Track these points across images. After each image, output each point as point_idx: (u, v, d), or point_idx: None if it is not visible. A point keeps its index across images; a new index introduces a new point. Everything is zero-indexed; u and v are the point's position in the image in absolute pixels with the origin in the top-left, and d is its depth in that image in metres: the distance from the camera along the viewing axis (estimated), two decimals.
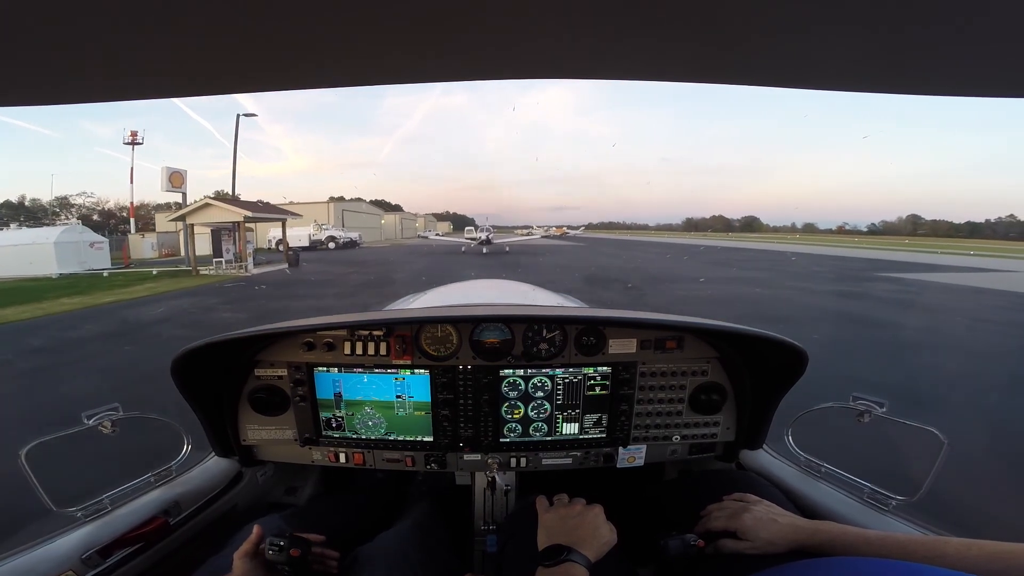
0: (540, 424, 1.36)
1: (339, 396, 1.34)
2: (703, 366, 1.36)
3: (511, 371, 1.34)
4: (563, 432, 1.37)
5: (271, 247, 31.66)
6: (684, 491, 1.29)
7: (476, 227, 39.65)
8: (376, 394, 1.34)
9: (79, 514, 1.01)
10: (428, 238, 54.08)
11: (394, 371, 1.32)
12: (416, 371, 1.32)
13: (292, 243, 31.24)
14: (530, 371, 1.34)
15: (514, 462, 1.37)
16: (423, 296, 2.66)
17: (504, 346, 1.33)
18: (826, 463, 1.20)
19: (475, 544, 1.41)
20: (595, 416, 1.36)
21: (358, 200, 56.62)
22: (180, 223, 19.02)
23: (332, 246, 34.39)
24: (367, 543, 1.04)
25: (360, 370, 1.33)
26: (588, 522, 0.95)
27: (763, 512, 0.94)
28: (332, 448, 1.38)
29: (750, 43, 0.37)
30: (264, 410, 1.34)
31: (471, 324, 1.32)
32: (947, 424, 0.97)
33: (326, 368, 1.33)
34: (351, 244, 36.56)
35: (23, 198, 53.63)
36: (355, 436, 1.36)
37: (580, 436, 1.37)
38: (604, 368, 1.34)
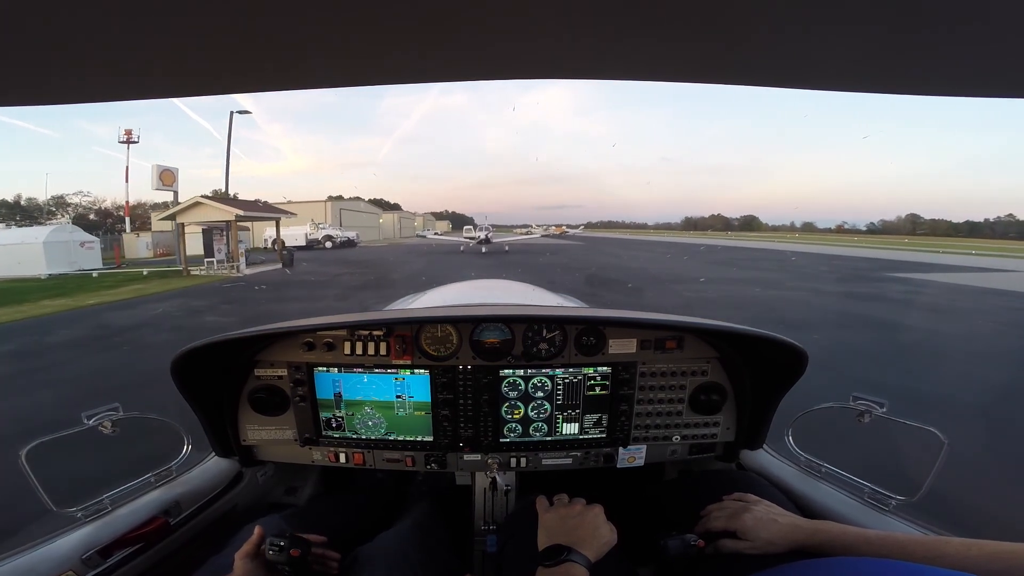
0: (540, 424, 1.36)
1: (339, 396, 1.34)
2: (703, 366, 1.36)
3: (511, 371, 1.34)
4: (563, 432, 1.37)
5: (267, 247, 31.34)
6: (684, 491, 1.29)
7: (475, 226, 39.25)
8: (376, 394, 1.34)
9: (79, 514, 1.01)
10: (426, 237, 53.77)
11: (394, 371, 1.32)
12: (416, 371, 1.32)
13: (289, 242, 30.73)
14: (530, 371, 1.34)
15: (514, 462, 1.37)
16: (423, 296, 2.66)
17: (504, 346, 1.33)
18: (826, 463, 1.20)
19: (475, 544, 1.41)
20: (595, 416, 1.36)
21: (356, 199, 56.47)
22: (174, 222, 18.58)
23: (329, 245, 34.17)
24: (367, 543, 1.04)
25: (360, 370, 1.33)
26: (588, 522, 0.95)
27: (763, 512, 0.94)
28: (332, 448, 1.38)
29: (750, 43, 0.37)
30: (264, 410, 1.34)
31: (471, 324, 1.32)
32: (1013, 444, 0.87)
33: (326, 368, 1.33)
34: (348, 243, 36.28)
35: (19, 197, 53.31)
36: (355, 436, 1.36)
37: (580, 436, 1.37)
38: (604, 368, 1.34)
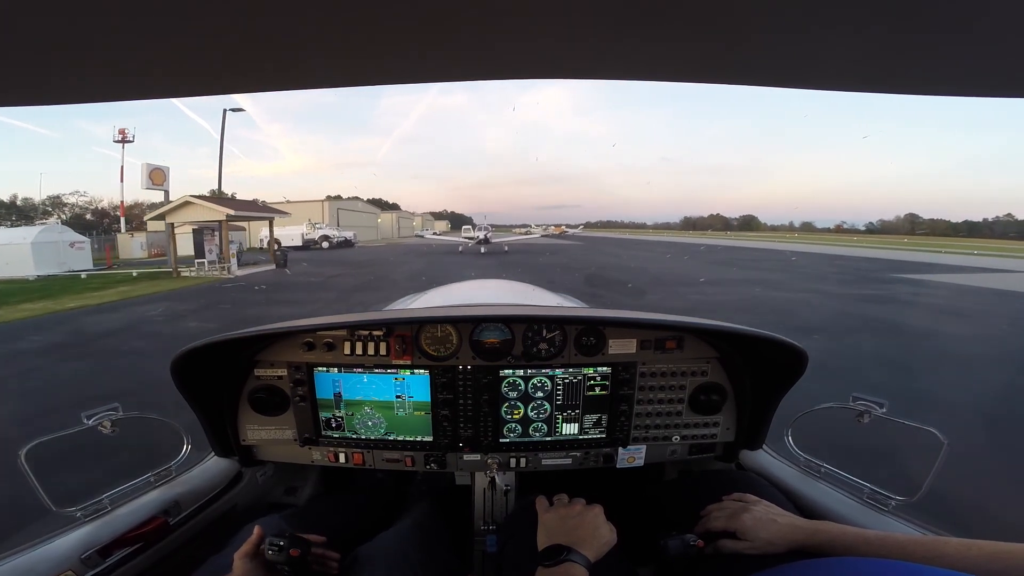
0: (540, 424, 1.36)
1: (339, 396, 1.34)
2: (703, 366, 1.36)
3: (511, 371, 1.34)
4: (563, 432, 1.37)
5: (263, 247, 30.86)
6: (684, 491, 1.29)
7: (474, 226, 38.54)
8: (376, 394, 1.34)
9: (79, 514, 1.01)
10: (424, 237, 53.29)
11: (394, 371, 1.32)
12: (416, 371, 1.32)
13: (285, 242, 30.41)
14: (530, 371, 1.34)
15: (514, 462, 1.37)
16: (423, 296, 2.66)
17: (504, 346, 1.33)
18: (826, 463, 1.20)
19: (475, 544, 1.40)
20: (595, 416, 1.36)
21: (355, 199, 56.24)
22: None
23: (326, 246, 33.80)
24: (367, 543, 1.04)
25: (360, 370, 1.33)
26: (588, 522, 0.95)
27: (762, 512, 0.94)
28: (332, 448, 1.37)
29: (750, 43, 0.37)
30: (264, 410, 1.34)
31: (471, 324, 1.32)
32: None
33: (326, 368, 1.33)
34: (346, 243, 36.07)
35: (15, 197, 52.99)
36: (355, 436, 1.36)
37: (580, 436, 1.37)
38: (604, 368, 1.34)
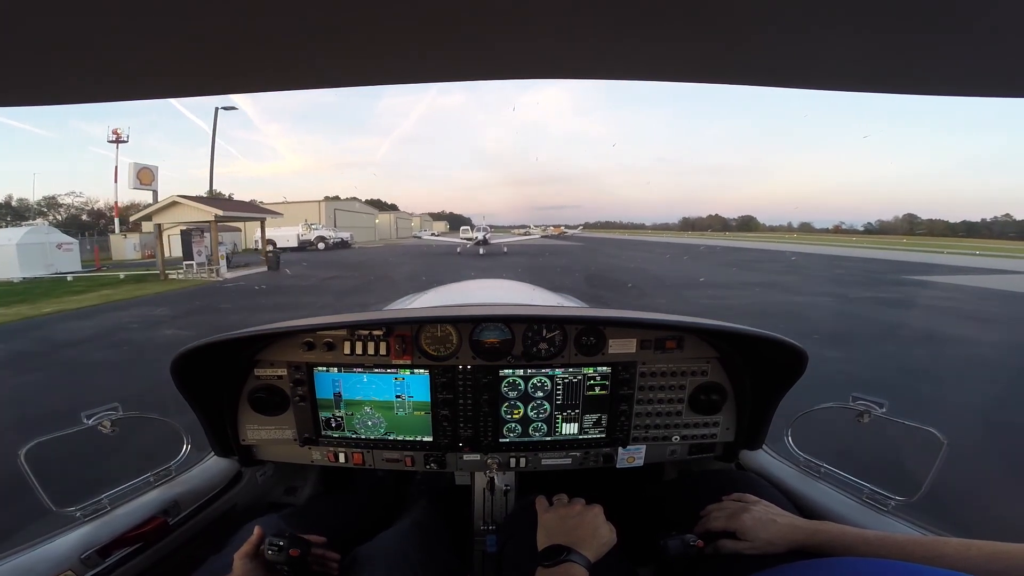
0: (540, 424, 1.36)
1: (339, 396, 1.34)
2: (703, 366, 1.36)
3: (511, 371, 1.34)
4: (563, 432, 1.37)
5: (258, 248, 30.96)
6: (684, 491, 1.29)
7: (472, 226, 37.74)
8: (376, 394, 1.34)
9: (78, 514, 1.01)
10: (421, 238, 52.51)
11: (394, 371, 1.32)
12: (416, 371, 1.32)
13: (280, 243, 29.92)
14: (530, 371, 1.34)
15: (513, 462, 1.37)
16: (423, 296, 2.66)
17: (504, 346, 1.33)
18: (825, 463, 1.20)
19: (475, 544, 1.40)
20: (595, 416, 1.36)
21: (352, 200, 55.86)
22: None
23: (322, 247, 33.10)
24: (367, 543, 1.04)
25: (360, 370, 1.33)
26: (588, 522, 0.95)
27: (762, 512, 0.94)
28: (332, 448, 1.37)
29: (750, 43, 0.37)
30: (264, 410, 1.34)
31: (471, 324, 1.32)
32: None
33: (326, 368, 1.33)
34: (342, 244, 35.40)
35: (10, 198, 52.53)
36: (355, 436, 1.36)
37: (580, 436, 1.37)
38: (604, 368, 1.34)
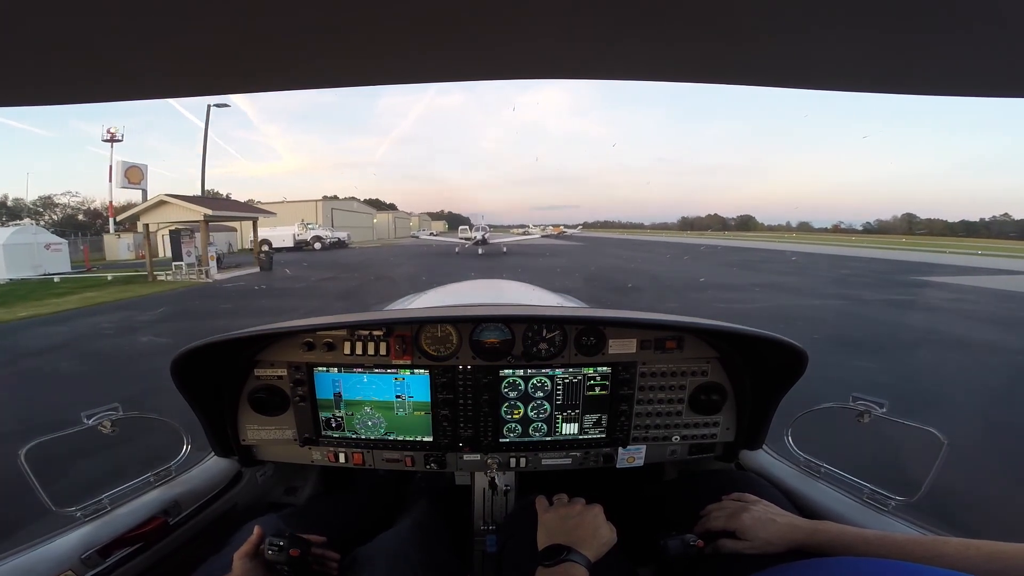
0: (540, 424, 1.36)
1: (339, 396, 1.34)
2: (703, 366, 1.36)
3: (511, 371, 1.34)
4: (563, 432, 1.37)
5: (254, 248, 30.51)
6: (684, 491, 1.29)
7: (471, 226, 36.86)
8: (376, 394, 1.34)
9: (78, 514, 1.01)
10: (419, 238, 51.76)
11: (394, 371, 1.32)
12: (416, 371, 1.32)
13: (276, 243, 29.76)
14: (530, 371, 1.34)
15: (514, 462, 1.37)
16: (423, 296, 2.66)
17: (504, 346, 1.33)
18: (826, 463, 1.20)
19: (475, 544, 1.41)
20: (595, 416, 1.36)
21: (351, 199, 55.56)
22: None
23: (318, 247, 32.63)
24: (367, 543, 1.04)
25: (360, 370, 1.32)
26: (588, 522, 0.95)
27: (762, 512, 0.94)
28: (332, 448, 1.37)
29: (750, 43, 0.37)
30: (264, 410, 1.34)
31: (471, 324, 1.32)
32: None
33: (326, 368, 1.33)
34: (339, 244, 34.88)
35: (5, 197, 52.56)
36: (355, 436, 1.36)
37: (580, 436, 1.37)
38: (604, 368, 1.34)
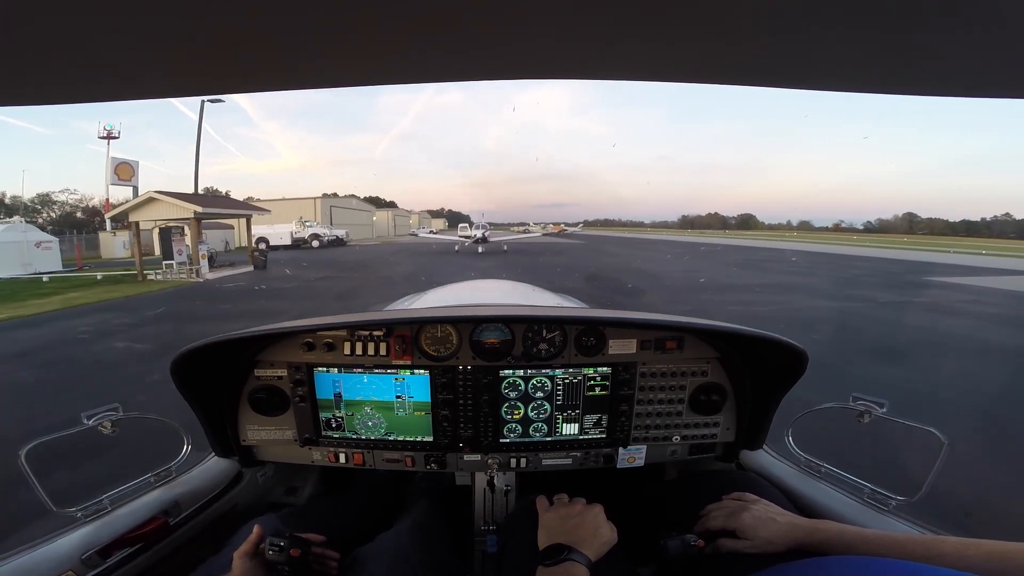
0: (540, 424, 1.36)
1: (339, 396, 1.34)
2: (703, 366, 1.36)
3: (511, 371, 1.34)
4: (563, 433, 1.37)
5: (254, 245, 29.76)
6: (684, 491, 1.29)
7: (471, 224, 36.49)
8: (376, 394, 1.34)
9: (79, 514, 1.01)
10: (418, 236, 50.90)
11: (394, 371, 1.32)
12: (416, 371, 1.32)
13: (274, 241, 29.58)
14: (530, 371, 1.34)
15: (514, 462, 1.37)
16: (423, 296, 2.66)
17: (504, 346, 1.33)
18: (826, 463, 1.20)
19: (475, 544, 1.41)
20: (595, 417, 1.36)
21: (350, 196, 54.79)
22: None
23: (316, 244, 32.26)
24: (367, 543, 1.04)
25: (360, 370, 1.33)
26: (588, 522, 0.95)
27: (762, 511, 0.94)
28: (332, 448, 1.37)
29: (750, 43, 0.37)
30: (264, 410, 1.34)
31: (471, 324, 1.32)
32: None
33: (326, 368, 1.33)
34: (337, 242, 34.36)
35: (3, 195, 52.10)
36: (355, 436, 1.36)
37: (580, 437, 1.37)
38: (604, 368, 1.34)
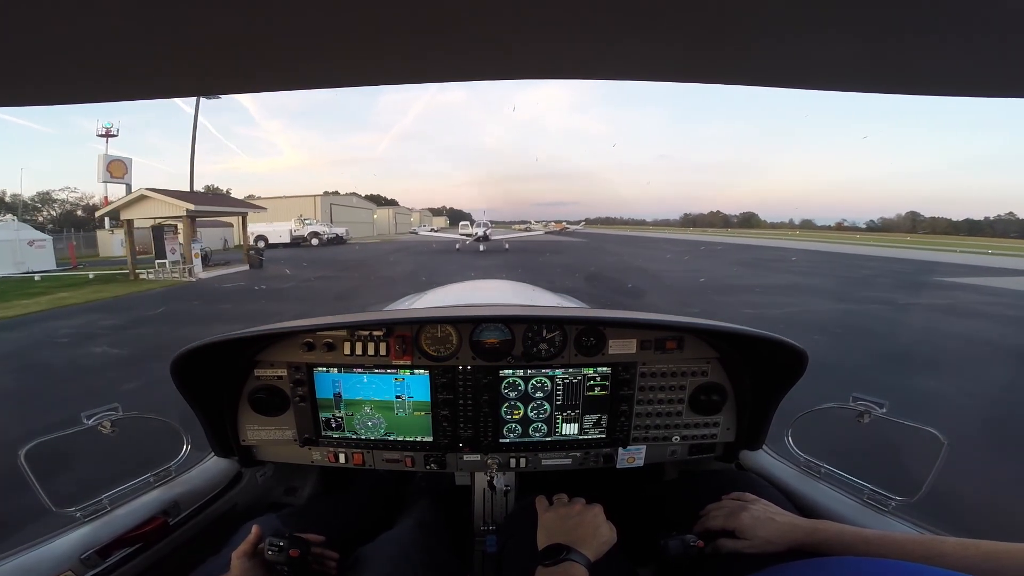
0: (540, 424, 1.36)
1: (339, 396, 1.34)
2: (703, 366, 1.36)
3: (511, 371, 1.34)
4: (563, 433, 1.37)
5: (254, 244, 27.35)
6: (684, 491, 1.30)
7: (472, 222, 36.36)
8: (376, 394, 1.34)
9: (78, 514, 1.01)
10: (418, 233, 50.67)
11: (394, 371, 1.32)
12: (416, 371, 1.32)
13: (272, 239, 29.56)
14: (530, 371, 1.34)
15: (514, 462, 1.37)
16: (423, 296, 2.66)
17: (504, 346, 1.33)
18: (826, 463, 1.20)
19: (475, 544, 1.41)
20: (595, 417, 1.36)
21: (351, 194, 54.57)
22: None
23: (315, 242, 32.01)
24: (367, 543, 1.04)
25: (360, 370, 1.32)
26: (588, 522, 0.95)
27: (761, 511, 0.94)
28: (332, 448, 1.37)
29: (750, 43, 0.37)
30: (264, 410, 1.34)
31: (471, 324, 1.32)
32: None
33: (326, 368, 1.33)
34: (337, 240, 34.05)
35: (3, 193, 52.03)
36: (355, 436, 1.36)
37: (580, 437, 1.37)
38: (604, 368, 1.34)
